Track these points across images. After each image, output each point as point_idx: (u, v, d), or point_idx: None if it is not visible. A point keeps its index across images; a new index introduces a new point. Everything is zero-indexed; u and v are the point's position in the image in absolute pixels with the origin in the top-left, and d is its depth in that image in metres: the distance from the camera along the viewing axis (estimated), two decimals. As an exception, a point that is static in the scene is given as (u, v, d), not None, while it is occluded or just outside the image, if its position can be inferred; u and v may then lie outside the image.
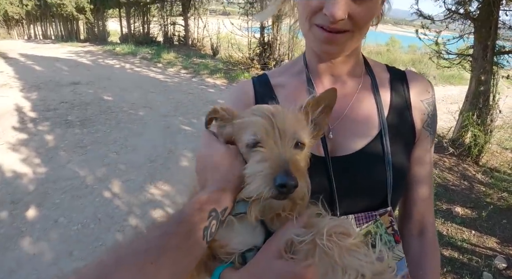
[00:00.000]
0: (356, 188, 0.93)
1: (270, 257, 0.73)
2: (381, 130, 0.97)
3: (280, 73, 1.10)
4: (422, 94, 1.04)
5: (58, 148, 5.84)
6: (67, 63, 13.69)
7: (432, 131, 1.05)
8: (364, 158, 0.94)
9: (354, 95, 1.01)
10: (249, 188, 0.72)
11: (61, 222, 3.94)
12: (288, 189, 0.68)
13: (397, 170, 0.95)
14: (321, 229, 0.68)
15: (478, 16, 5.34)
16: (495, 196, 4.46)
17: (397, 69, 1.09)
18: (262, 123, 0.77)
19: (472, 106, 5.40)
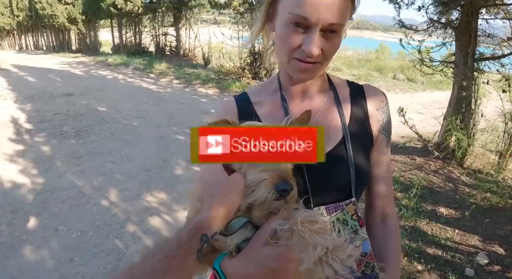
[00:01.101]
0: (326, 185, 1.11)
1: (259, 244, 0.89)
2: (344, 136, 1.16)
3: (257, 92, 1.27)
4: (377, 104, 1.24)
5: (55, 158, 5.95)
6: (59, 74, 13.78)
7: (387, 134, 1.25)
8: (331, 159, 1.10)
9: (320, 108, 1.19)
10: (256, 194, 0.87)
11: (61, 230, 4.05)
12: (288, 192, 0.86)
13: (358, 168, 1.14)
14: (296, 219, 0.84)
15: (459, 25, 5.60)
16: (479, 197, 4.65)
17: (356, 84, 1.29)
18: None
19: (455, 111, 5.63)
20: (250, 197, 0.90)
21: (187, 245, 0.78)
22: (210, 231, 0.82)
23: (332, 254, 0.76)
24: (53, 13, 20.83)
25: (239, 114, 1.20)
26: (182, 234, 0.80)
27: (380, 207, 1.26)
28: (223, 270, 0.92)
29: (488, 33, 5.53)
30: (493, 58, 5.58)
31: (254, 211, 0.92)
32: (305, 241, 0.80)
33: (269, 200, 0.87)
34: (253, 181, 0.90)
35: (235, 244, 0.94)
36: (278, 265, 0.86)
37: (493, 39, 5.64)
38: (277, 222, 0.89)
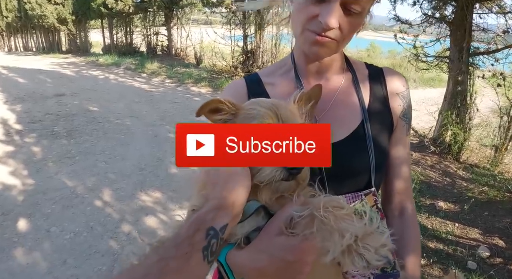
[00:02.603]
0: (343, 172, 1.03)
1: (272, 234, 0.80)
2: (363, 119, 1.08)
3: (270, 73, 1.20)
4: (397, 88, 1.17)
5: (46, 159, 5.82)
6: (50, 75, 13.59)
7: (407, 121, 1.17)
8: (350, 144, 1.05)
9: (338, 90, 1.12)
10: (262, 174, 0.80)
11: (53, 231, 3.94)
12: (298, 171, 0.79)
13: (379, 152, 1.07)
14: (317, 204, 0.75)
15: (453, 20, 5.58)
16: (476, 190, 4.64)
17: (375, 66, 1.22)
18: (269, 114, 0.84)
19: (451, 106, 5.62)
20: (256, 177, 0.82)
21: (189, 243, 0.68)
22: (218, 223, 0.73)
23: (363, 242, 0.67)
24: (43, 14, 20.52)
25: (249, 95, 1.13)
26: (181, 231, 0.71)
27: (399, 199, 1.18)
28: (229, 263, 0.83)
29: (482, 27, 5.51)
30: (487, 53, 5.57)
31: (260, 194, 0.84)
32: (330, 228, 0.71)
33: (277, 179, 0.79)
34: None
35: (244, 233, 0.86)
36: (294, 257, 0.78)
37: (487, 33, 5.63)
38: (293, 208, 0.80)
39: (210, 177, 0.83)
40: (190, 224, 0.71)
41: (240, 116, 0.90)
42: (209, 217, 0.72)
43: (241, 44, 13.29)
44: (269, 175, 0.79)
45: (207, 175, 0.84)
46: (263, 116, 0.85)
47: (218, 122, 0.93)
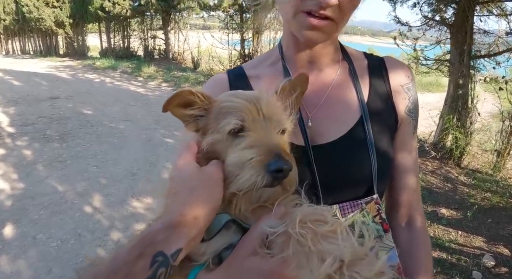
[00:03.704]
0: (339, 176, 0.90)
1: (244, 254, 0.69)
2: (362, 115, 0.94)
3: (255, 65, 1.07)
4: (401, 79, 1.02)
5: (37, 162, 5.67)
6: (46, 78, 13.48)
7: (414, 117, 1.03)
8: (346, 145, 0.91)
9: (332, 82, 0.98)
10: (240, 180, 0.67)
11: (40, 238, 3.79)
12: (285, 173, 0.66)
13: (382, 155, 0.93)
14: (295, 217, 0.63)
15: (454, 22, 5.48)
16: (479, 197, 4.52)
17: (375, 56, 1.08)
18: (248, 107, 0.73)
19: (452, 110, 5.50)
20: (232, 185, 0.69)
21: (127, 272, 0.53)
22: (171, 246, 0.58)
23: (350, 269, 0.53)
24: (40, 17, 20.42)
25: (231, 89, 1.00)
26: (119, 254, 0.56)
27: (406, 206, 1.02)
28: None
29: (483, 30, 5.41)
30: (489, 56, 5.47)
31: (237, 204, 0.71)
32: (306, 249, 0.58)
33: (259, 186, 0.66)
34: (235, 163, 0.69)
35: (213, 251, 0.72)
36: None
37: (489, 35, 5.52)
38: (268, 222, 0.68)
39: (174, 183, 0.70)
40: (133, 246, 0.56)
41: (214, 111, 0.77)
42: (159, 237, 0.58)
43: (239, 48, 13.22)
44: (249, 181, 0.66)
45: (171, 181, 0.71)
46: (242, 110, 0.73)
47: (188, 119, 0.80)
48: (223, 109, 0.75)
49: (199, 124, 0.80)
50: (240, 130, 0.72)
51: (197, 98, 0.76)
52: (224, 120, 0.74)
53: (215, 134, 0.75)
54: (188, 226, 0.62)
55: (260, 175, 0.65)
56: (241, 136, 0.71)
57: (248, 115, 0.72)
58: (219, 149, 0.75)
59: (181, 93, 0.75)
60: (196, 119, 0.80)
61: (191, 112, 0.78)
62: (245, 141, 0.70)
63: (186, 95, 0.75)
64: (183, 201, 0.65)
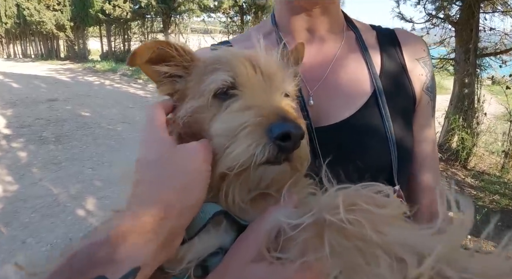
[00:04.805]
0: (351, 165, 0.71)
1: (243, 261, 0.49)
2: (375, 91, 0.78)
3: (245, 38, 0.91)
4: (417, 53, 0.87)
5: (31, 164, 5.54)
6: (45, 81, 13.42)
7: (432, 97, 0.87)
8: (357, 125, 0.76)
9: (336, 53, 0.83)
10: (230, 154, 0.49)
11: (29, 242, 3.64)
12: (294, 140, 0.47)
13: (400, 141, 0.77)
14: (330, 202, 0.45)
15: (459, 20, 5.33)
16: (487, 199, 4.35)
17: (384, 27, 0.92)
18: (242, 61, 0.56)
19: (457, 110, 5.34)
20: (220, 162, 0.50)
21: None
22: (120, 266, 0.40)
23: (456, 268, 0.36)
24: (41, 20, 20.41)
25: None
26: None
27: (427, 202, 0.86)
28: None
29: (490, 27, 5.26)
30: (495, 54, 5.31)
31: (228, 192, 0.52)
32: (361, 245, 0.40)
33: (259, 162, 0.47)
34: (223, 130, 0.51)
35: (196, 258, 0.52)
36: None
37: (495, 33, 5.37)
38: (282, 212, 0.49)
39: (138, 168, 0.52)
40: (55, 272, 0.39)
41: (197, 71, 0.60)
42: (100, 253, 0.40)
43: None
44: (243, 154, 0.47)
45: (136, 165, 0.52)
46: (233, 64, 0.55)
47: (162, 79, 0.62)
48: (209, 67, 0.58)
49: (176, 87, 0.62)
50: (230, 89, 0.55)
51: (176, 53, 0.59)
52: (209, 78, 0.56)
53: (197, 99, 0.57)
54: (150, 230, 0.44)
55: (260, 144, 0.47)
56: (232, 98, 0.54)
57: (241, 70, 0.55)
58: (201, 119, 0.56)
59: (155, 44, 0.58)
60: (173, 80, 0.62)
61: (167, 70, 0.61)
62: (238, 102, 0.53)
63: (161, 47, 0.58)
64: (146, 194, 0.47)
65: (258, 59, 0.56)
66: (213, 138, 0.52)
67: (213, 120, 0.54)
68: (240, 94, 0.54)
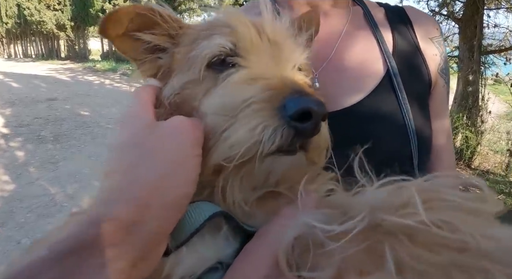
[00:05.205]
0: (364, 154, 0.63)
1: (257, 276, 0.38)
2: (388, 72, 0.69)
3: (245, 10, 0.83)
4: (430, 32, 0.79)
5: (28, 164, 5.47)
6: (45, 80, 13.36)
7: (447, 80, 0.80)
8: (370, 110, 0.67)
9: (343, 30, 0.75)
10: (229, 138, 0.38)
11: (24, 243, 3.57)
12: (316, 119, 0.36)
13: (420, 124, 0.69)
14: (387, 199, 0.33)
15: (462, 17, 5.25)
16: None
17: (393, 5, 0.84)
18: (243, 23, 0.45)
19: (461, 108, 5.25)
20: (215, 150, 0.40)
21: None
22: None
23: None
24: (42, 19, 20.39)
25: None
26: None
27: None
28: None
29: (494, 24, 5.17)
30: (500, 51, 5.22)
31: (226, 189, 0.41)
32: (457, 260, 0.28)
33: (267, 151, 0.36)
34: (220, 107, 0.41)
35: (187, 274, 0.40)
36: None
37: (499, 29, 5.29)
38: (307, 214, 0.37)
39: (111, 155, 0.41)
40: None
41: (187, 38, 0.49)
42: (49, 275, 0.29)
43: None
44: (247, 139, 0.37)
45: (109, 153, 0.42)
46: (237, 27, 0.44)
47: (142, 56, 0.51)
48: (202, 33, 0.47)
49: (161, 64, 0.51)
50: (230, 57, 0.44)
51: (160, 19, 0.48)
52: (202, 44, 0.45)
53: (186, 72, 0.46)
54: (119, 241, 0.33)
55: (269, 126, 0.36)
56: (231, 68, 0.43)
57: (245, 34, 0.44)
58: (191, 96, 0.45)
59: (135, 9, 0.47)
60: (156, 57, 0.51)
61: (150, 39, 0.49)
62: (239, 73, 0.42)
63: (143, 13, 0.47)
64: (115, 189, 0.37)
65: (264, 24, 0.46)
66: (205, 118, 0.42)
67: (206, 96, 0.44)
68: (243, 62, 0.43)
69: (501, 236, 0.29)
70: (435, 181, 0.35)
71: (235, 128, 0.38)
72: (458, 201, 0.31)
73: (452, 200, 0.32)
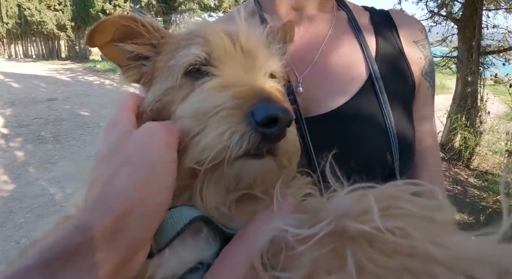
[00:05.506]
0: (346, 159, 0.61)
1: (235, 276, 0.40)
2: (370, 76, 0.70)
3: (225, 20, 0.84)
4: (414, 35, 0.80)
5: (28, 164, 5.49)
6: (45, 80, 13.38)
7: (432, 83, 0.80)
8: (352, 114, 0.68)
9: (327, 34, 0.76)
10: (200, 142, 0.40)
11: (24, 243, 3.58)
12: (281, 125, 0.38)
13: (402, 128, 0.70)
14: (352, 205, 0.35)
15: (461, 17, 5.26)
16: (490, 200, 4.27)
17: (377, 9, 0.85)
18: (217, 33, 0.47)
19: (460, 109, 5.26)
20: (190, 152, 0.42)
21: None
22: None
23: None
24: (42, 20, 20.40)
25: None
26: None
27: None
28: None
29: (492, 24, 5.18)
30: (498, 52, 5.22)
31: (199, 191, 0.43)
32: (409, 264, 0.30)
33: (236, 154, 0.38)
34: (193, 112, 0.42)
35: (171, 275, 0.42)
36: None
37: (498, 30, 5.29)
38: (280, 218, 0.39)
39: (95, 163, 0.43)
40: None
41: (168, 47, 0.52)
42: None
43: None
44: (216, 143, 0.39)
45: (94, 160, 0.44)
46: (209, 37, 0.47)
47: (127, 62, 0.54)
48: (181, 43, 0.50)
49: (144, 71, 0.54)
50: (204, 66, 0.47)
51: (143, 29, 0.51)
52: (180, 52, 0.48)
53: (165, 79, 0.49)
54: (103, 247, 0.35)
55: (236, 131, 0.38)
56: (205, 76, 0.46)
57: (218, 45, 0.46)
58: (170, 102, 0.48)
59: (119, 20, 0.50)
60: (140, 64, 0.54)
61: (132, 48, 0.52)
62: (212, 81, 0.44)
63: (126, 23, 0.50)
64: (97, 197, 0.38)
65: (238, 33, 0.48)
66: (179, 122, 0.44)
67: (183, 101, 0.46)
68: (216, 71, 0.46)
69: (451, 243, 0.31)
70: (397, 188, 0.37)
71: (205, 133, 0.40)
72: (414, 210, 0.33)
73: (408, 208, 0.33)
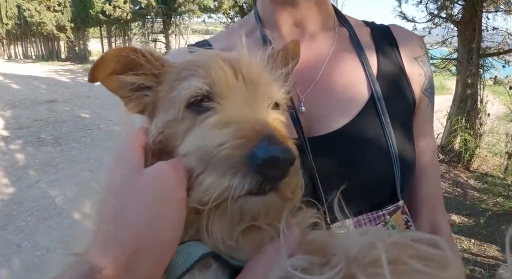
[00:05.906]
0: (349, 179, 0.62)
1: None
2: (372, 95, 0.71)
3: (225, 36, 0.84)
4: (414, 51, 0.80)
5: (28, 167, 5.48)
6: (45, 82, 13.40)
7: (431, 98, 0.81)
8: (355, 134, 0.68)
9: (329, 52, 0.76)
10: (203, 183, 0.41)
11: (25, 246, 3.57)
12: (282, 167, 0.39)
13: (403, 147, 0.70)
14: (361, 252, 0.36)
15: (461, 19, 5.26)
16: (490, 202, 4.28)
17: (378, 24, 0.85)
18: (221, 65, 0.47)
19: (460, 110, 5.26)
20: (193, 192, 0.42)
21: None
22: None
23: None
24: (42, 21, 20.41)
25: None
26: None
27: (428, 214, 0.80)
28: None
29: (492, 26, 5.18)
30: (498, 54, 5.23)
31: (207, 227, 0.43)
32: None
33: (238, 194, 0.39)
34: (195, 152, 0.42)
35: None
36: None
37: (498, 33, 5.29)
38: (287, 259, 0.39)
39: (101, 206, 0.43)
40: None
41: (169, 78, 0.51)
42: None
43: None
44: (218, 185, 0.39)
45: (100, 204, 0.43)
46: (211, 68, 0.47)
47: (128, 93, 0.53)
48: (182, 73, 0.49)
49: (146, 102, 0.53)
50: (206, 100, 0.46)
51: (143, 60, 0.50)
52: (182, 85, 0.48)
53: (167, 111, 0.49)
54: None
55: (238, 173, 0.38)
56: (208, 111, 0.46)
57: (220, 77, 0.46)
58: (174, 135, 0.48)
59: (119, 51, 0.49)
60: (143, 94, 0.53)
61: (134, 80, 0.52)
62: (214, 117, 0.44)
63: (126, 55, 0.49)
64: (106, 237, 0.39)
65: (240, 62, 0.48)
66: (184, 159, 0.44)
67: (186, 135, 0.46)
68: (218, 106, 0.46)
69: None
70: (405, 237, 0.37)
71: (207, 174, 0.40)
72: (420, 268, 0.34)
73: (415, 265, 0.34)
